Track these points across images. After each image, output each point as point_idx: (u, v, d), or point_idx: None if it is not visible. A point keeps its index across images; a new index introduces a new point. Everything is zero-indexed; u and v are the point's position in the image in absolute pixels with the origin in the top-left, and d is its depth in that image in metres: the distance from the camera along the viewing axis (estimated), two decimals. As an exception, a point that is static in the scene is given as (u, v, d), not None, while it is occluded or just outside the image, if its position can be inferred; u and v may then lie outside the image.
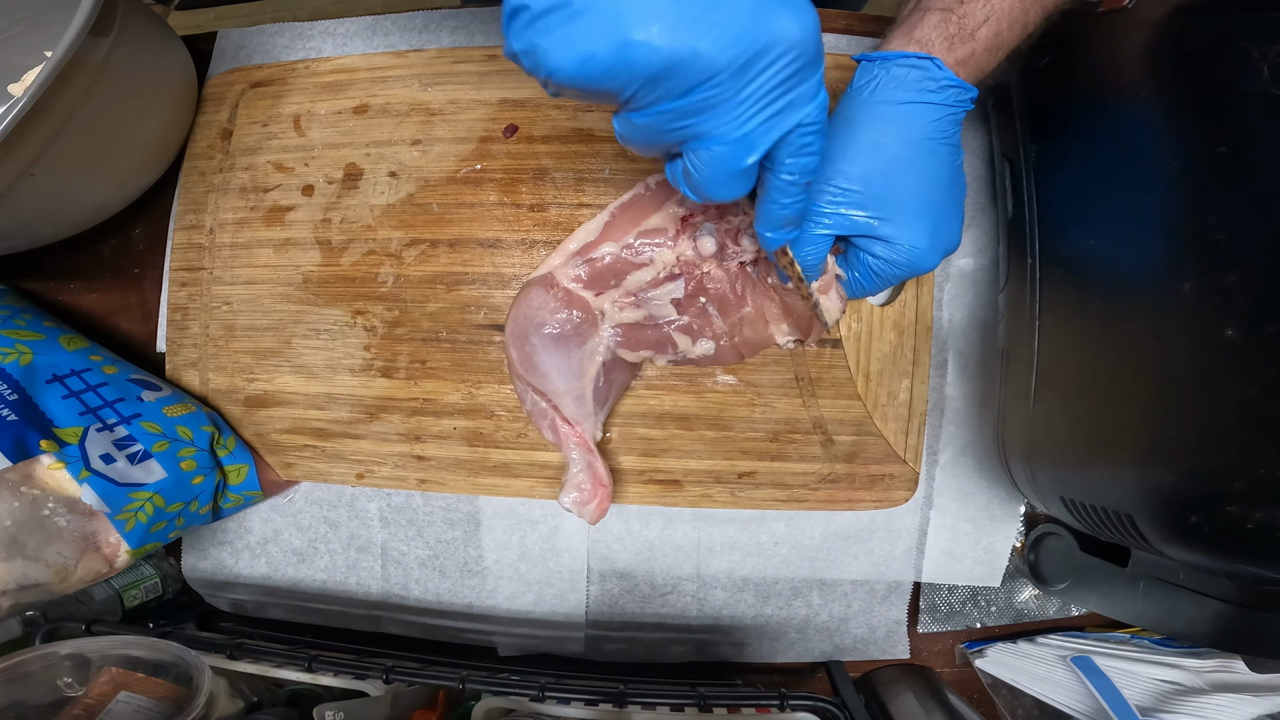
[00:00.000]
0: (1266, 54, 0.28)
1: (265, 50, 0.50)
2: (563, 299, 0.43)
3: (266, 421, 0.48)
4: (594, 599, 0.48)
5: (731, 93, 0.22)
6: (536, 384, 0.43)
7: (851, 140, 0.34)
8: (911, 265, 0.35)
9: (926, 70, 0.33)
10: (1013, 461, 0.40)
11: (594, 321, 0.43)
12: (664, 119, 0.23)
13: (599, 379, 0.43)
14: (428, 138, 0.47)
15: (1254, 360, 0.27)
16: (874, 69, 0.34)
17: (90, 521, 0.38)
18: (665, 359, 0.44)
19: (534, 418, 0.44)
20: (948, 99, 0.34)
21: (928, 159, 0.34)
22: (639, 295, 0.43)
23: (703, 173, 0.25)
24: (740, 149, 0.24)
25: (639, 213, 0.43)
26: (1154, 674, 0.44)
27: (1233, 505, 0.27)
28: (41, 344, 0.43)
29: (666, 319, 0.43)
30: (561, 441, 0.43)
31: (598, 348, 0.43)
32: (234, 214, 0.48)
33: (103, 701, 0.34)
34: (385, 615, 0.50)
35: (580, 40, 0.21)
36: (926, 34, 0.33)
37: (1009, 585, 0.48)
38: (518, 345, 0.43)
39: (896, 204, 0.34)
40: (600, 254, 0.43)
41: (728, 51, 0.21)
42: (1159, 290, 0.30)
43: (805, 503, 0.46)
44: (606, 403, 0.44)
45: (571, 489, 0.42)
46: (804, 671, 0.50)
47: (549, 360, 0.42)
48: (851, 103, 0.35)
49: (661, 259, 0.42)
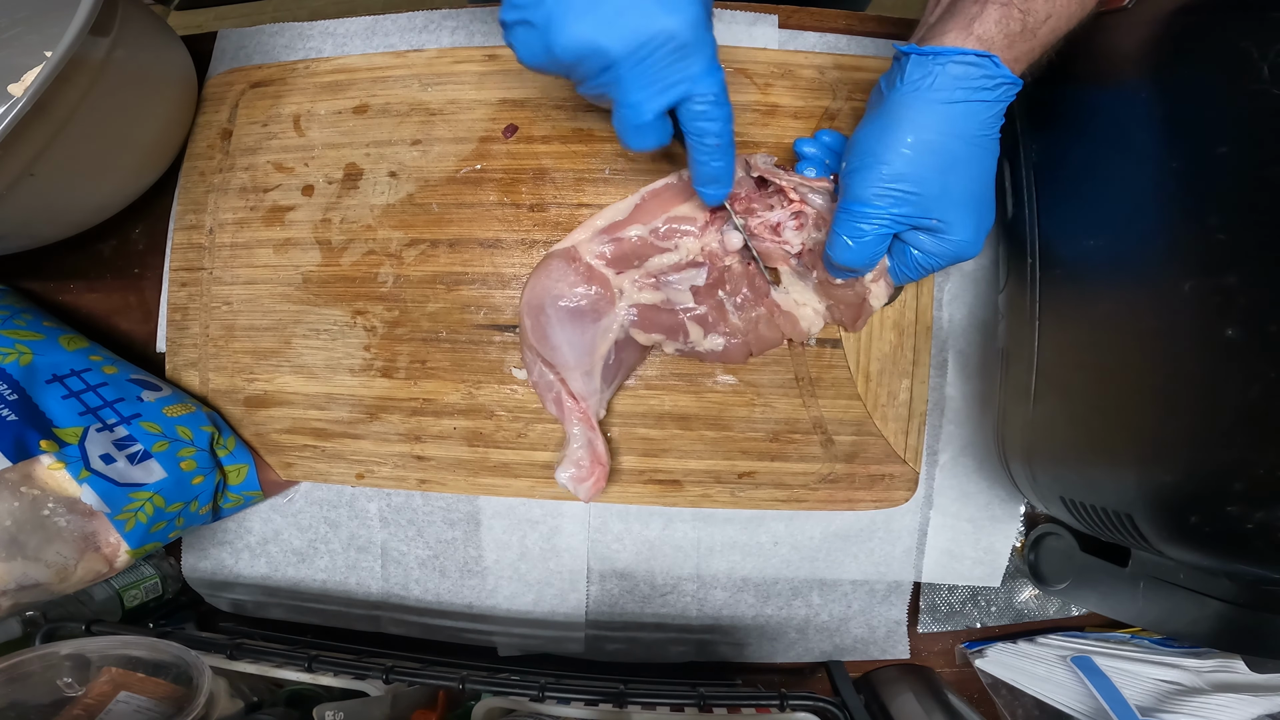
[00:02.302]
0: (1266, 54, 0.28)
1: (265, 50, 0.50)
2: (583, 273, 0.43)
3: (266, 421, 0.48)
4: (594, 599, 0.48)
5: (628, 71, 0.31)
6: (547, 356, 0.43)
7: (905, 139, 0.33)
8: (957, 255, 0.36)
9: (985, 68, 0.32)
10: (1013, 461, 0.40)
11: (611, 299, 0.43)
12: (592, 89, 0.33)
13: (610, 356, 0.43)
14: (428, 138, 0.47)
15: (1254, 360, 0.27)
16: (929, 64, 0.33)
17: (90, 521, 0.38)
18: (675, 346, 0.44)
19: (539, 389, 0.44)
20: (1001, 95, 0.33)
21: (979, 154, 0.34)
22: (660, 278, 0.43)
23: (618, 125, 0.33)
24: (636, 111, 0.32)
25: (670, 199, 0.43)
26: (1154, 674, 0.44)
27: (1233, 505, 0.27)
28: (41, 344, 0.43)
29: (683, 306, 0.43)
30: (565, 416, 0.43)
31: (612, 325, 0.43)
32: (234, 214, 0.48)
33: (103, 701, 0.34)
34: (385, 615, 0.50)
35: (528, 44, 0.31)
36: (988, 30, 0.32)
37: (1009, 585, 0.48)
38: (532, 315, 0.43)
39: (951, 201, 0.34)
40: (627, 234, 0.43)
41: (624, 45, 0.30)
42: (1159, 290, 0.30)
43: (805, 503, 0.46)
44: (614, 382, 0.44)
45: (570, 464, 0.42)
46: (804, 671, 0.50)
47: (562, 333, 0.42)
48: (903, 99, 0.33)
49: (687, 246, 0.42)
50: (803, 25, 0.48)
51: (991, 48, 0.32)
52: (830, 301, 0.42)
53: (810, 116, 0.46)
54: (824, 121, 0.46)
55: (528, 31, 0.31)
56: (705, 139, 0.34)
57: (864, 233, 0.35)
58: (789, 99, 0.46)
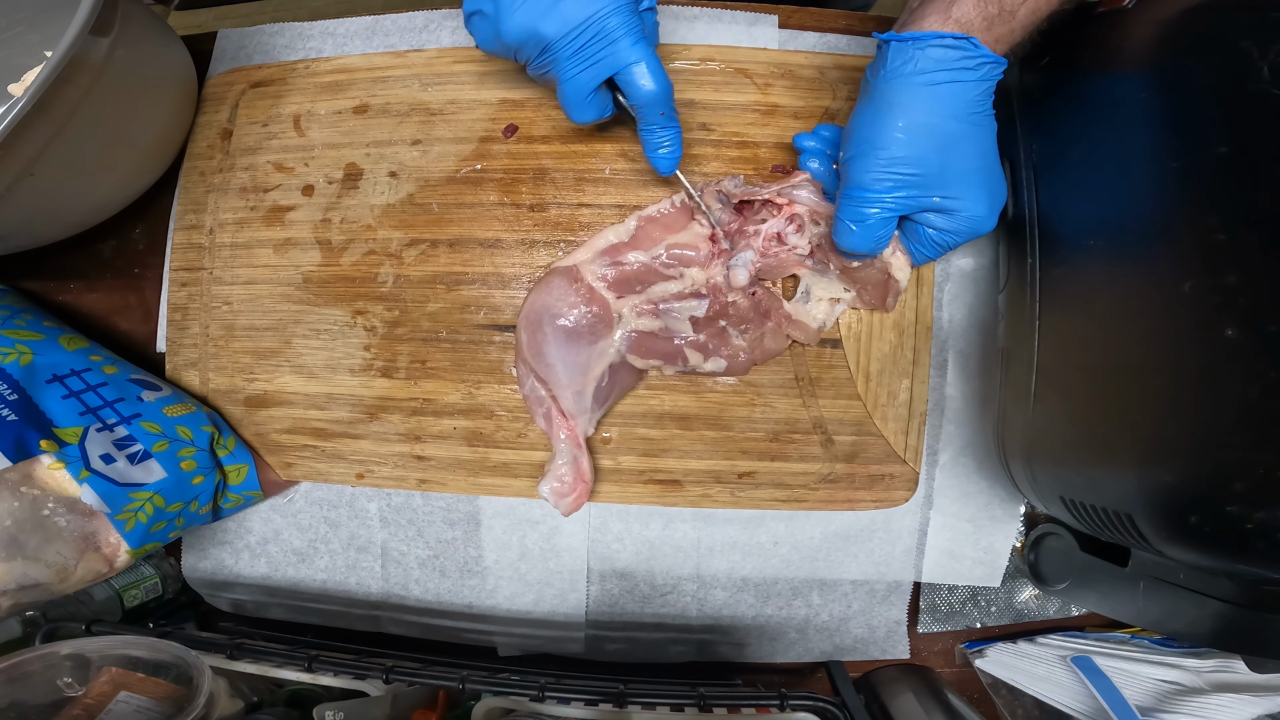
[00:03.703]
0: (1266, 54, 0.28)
1: (265, 50, 0.50)
2: (584, 295, 0.43)
3: (266, 421, 0.48)
4: (594, 599, 0.48)
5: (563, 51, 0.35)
6: (541, 372, 0.43)
7: (897, 123, 0.34)
8: (973, 231, 0.37)
9: (964, 49, 0.33)
10: (1013, 461, 0.40)
11: (609, 323, 0.43)
12: (537, 69, 0.37)
13: (603, 379, 0.43)
14: (428, 138, 0.47)
15: (1254, 360, 0.27)
16: (909, 50, 0.34)
17: (90, 521, 0.38)
18: (674, 370, 0.44)
19: (529, 403, 0.44)
20: (985, 74, 0.34)
21: (974, 131, 0.35)
22: (659, 306, 0.43)
23: (561, 101, 0.37)
24: (573, 86, 0.36)
25: (667, 225, 0.43)
26: (1154, 674, 0.44)
27: (1233, 505, 0.27)
28: (41, 344, 0.43)
29: (682, 335, 0.43)
30: (552, 431, 0.43)
31: (608, 349, 0.43)
32: (234, 214, 0.48)
33: (103, 701, 0.34)
34: (385, 615, 0.50)
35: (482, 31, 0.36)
36: (966, 13, 0.33)
37: (1009, 585, 0.48)
38: (530, 330, 0.43)
39: (953, 178, 0.35)
40: (630, 259, 0.43)
41: (557, 30, 0.34)
42: (1159, 290, 0.30)
43: (805, 503, 0.46)
44: (605, 403, 0.44)
45: (552, 479, 0.42)
46: (804, 671, 0.50)
47: (557, 352, 0.43)
48: (889, 84, 0.35)
49: (691, 276, 0.43)
50: (803, 25, 0.48)
51: (970, 30, 0.33)
52: (857, 286, 0.42)
53: (810, 116, 0.46)
54: (824, 121, 0.46)
55: (482, 20, 0.36)
56: (643, 110, 0.37)
57: (867, 217, 0.36)
58: (789, 99, 0.46)
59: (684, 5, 0.48)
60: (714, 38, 0.47)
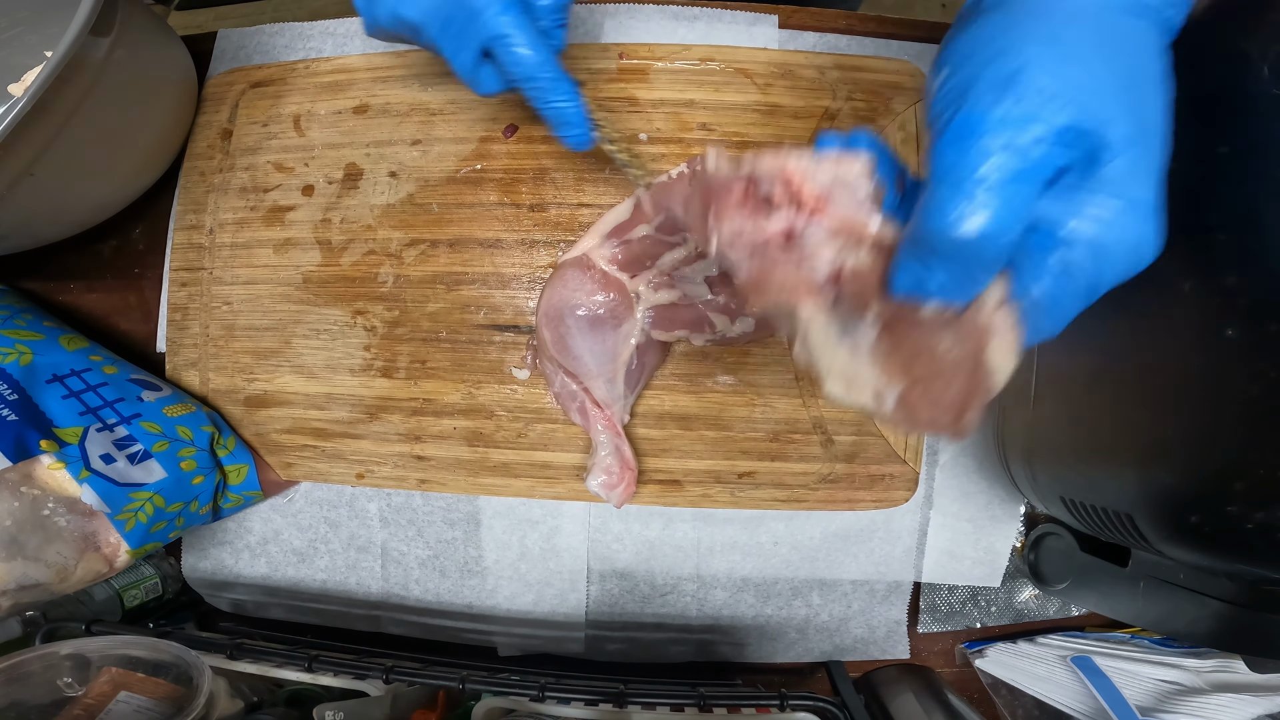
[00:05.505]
0: (1266, 54, 0.28)
1: (265, 50, 0.50)
2: (599, 281, 0.43)
3: (266, 421, 0.48)
4: (594, 599, 0.48)
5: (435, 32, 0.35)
6: (569, 366, 0.42)
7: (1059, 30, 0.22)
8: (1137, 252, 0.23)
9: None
10: (1013, 461, 0.40)
11: (629, 304, 0.43)
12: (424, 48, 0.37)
13: (632, 361, 0.43)
14: (428, 138, 0.47)
15: (1254, 360, 0.27)
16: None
17: (90, 521, 0.38)
18: (703, 339, 0.44)
19: (561, 400, 0.44)
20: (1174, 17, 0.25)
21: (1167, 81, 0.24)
22: (673, 274, 0.42)
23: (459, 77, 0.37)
24: (454, 62, 0.36)
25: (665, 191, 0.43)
26: (1154, 674, 0.44)
27: (1233, 505, 0.27)
28: (41, 344, 0.43)
29: (701, 298, 0.43)
30: (590, 424, 0.43)
31: (632, 330, 0.43)
32: (234, 214, 0.48)
33: (103, 701, 0.34)
34: (385, 615, 0.50)
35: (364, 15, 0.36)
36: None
37: (1009, 585, 0.48)
38: (551, 326, 0.43)
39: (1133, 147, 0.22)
40: (634, 234, 0.42)
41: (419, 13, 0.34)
42: (1159, 290, 0.30)
43: (805, 503, 0.46)
44: (637, 386, 0.44)
45: (600, 472, 0.42)
46: (804, 671, 0.50)
47: (583, 342, 0.42)
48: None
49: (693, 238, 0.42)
50: (803, 25, 0.48)
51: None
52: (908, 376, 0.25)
53: (810, 116, 0.46)
54: (824, 121, 0.46)
55: (363, 5, 0.37)
56: (523, 82, 0.36)
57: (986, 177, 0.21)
58: (789, 99, 0.46)
59: (684, 5, 0.48)
60: (714, 38, 0.47)
